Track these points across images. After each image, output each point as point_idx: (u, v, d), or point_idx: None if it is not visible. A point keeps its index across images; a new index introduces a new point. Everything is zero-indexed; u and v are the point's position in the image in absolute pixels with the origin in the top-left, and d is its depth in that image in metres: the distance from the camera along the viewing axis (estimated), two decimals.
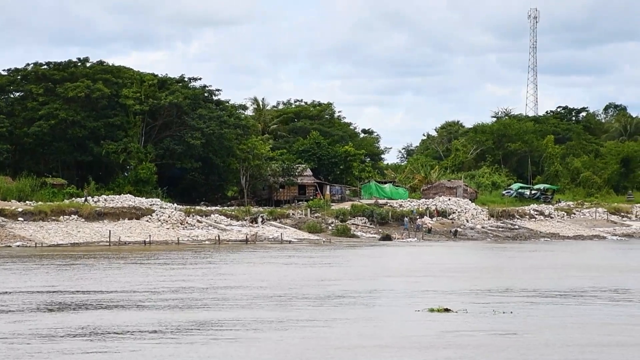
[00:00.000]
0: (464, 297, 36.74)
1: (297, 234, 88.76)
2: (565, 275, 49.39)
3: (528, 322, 29.50)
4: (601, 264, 59.42)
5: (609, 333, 27.61)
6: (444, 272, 50.81)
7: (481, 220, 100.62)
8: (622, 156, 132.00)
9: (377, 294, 38.68)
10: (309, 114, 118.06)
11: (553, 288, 41.40)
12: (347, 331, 27.33)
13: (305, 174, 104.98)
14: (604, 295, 38.63)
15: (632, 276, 48.83)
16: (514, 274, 50.82)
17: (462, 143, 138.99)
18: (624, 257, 68.69)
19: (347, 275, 48.01)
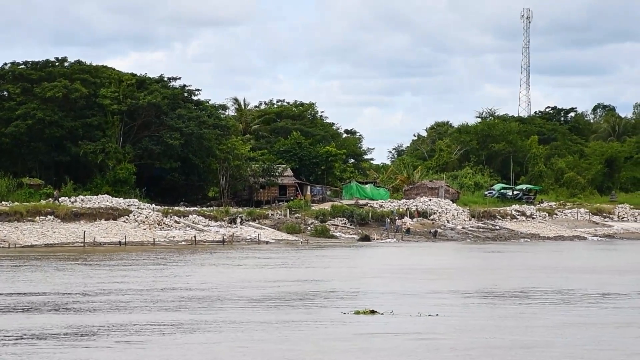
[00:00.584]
0: (407, 299, 36.41)
1: (275, 235, 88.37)
2: (527, 275, 49.07)
3: (449, 324, 29.10)
4: (571, 265, 59.14)
5: (528, 334, 27.31)
6: (405, 273, 50.40)
7: (462, 220, 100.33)
8: (606, 157, 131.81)
9: (316, 295, 38.20)
10: (290, 114, 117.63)
11: (504, 289, 41.14)
12: (250, 335, 26.86)
13: (285, 174, 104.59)
14: (551, 296, 38.21)
15: (594, 277, 48.43)
16: (476, 274, 50.52)
17: (447, 143, 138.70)
18: (597, 258, 68.32)
19: (299, 276, 47.51)
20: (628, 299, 37.72)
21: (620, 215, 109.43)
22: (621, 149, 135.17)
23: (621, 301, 36.78)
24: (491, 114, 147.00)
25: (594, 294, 39.22)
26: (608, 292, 40.10)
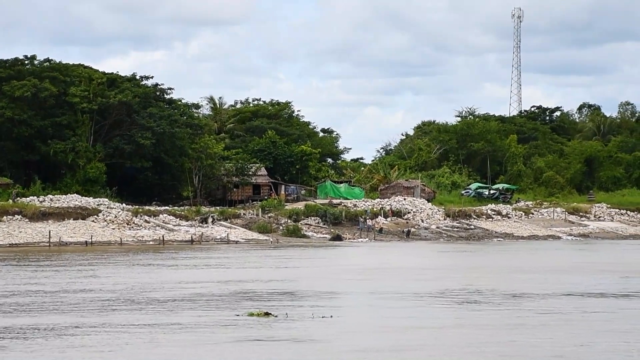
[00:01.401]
0: (327, 301, 35.92)
1: (246, 235, 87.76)
2: (468, 275, 48.97)
3: (336, 327, 28.58)
4: (519, 265, 58.44)
5: (406, 336, 27.03)
6: (355, 273, 49.88)
7: (437, 220, 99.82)
8: (585, 156, 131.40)
9: (230, 296, 37.52)
10: (267, 113, 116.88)
11: (440, 289, 41.01)
12: (116, 338, 26.46)
13: (259, 173, 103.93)
14: (466, 297, 37.90)
15: (527, 277, 48.18)
16: (426, 274, 50.13)
17: (426, 143, 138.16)
18: (553, 257, 67.49)
19: (236, 277, 46.80)
20: (539, 299, 37.29)
21: (597, 214, 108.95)
22: (600, 148, 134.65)
23: (530, 302, 36.33)
24: (471, 113, 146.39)
25: (509, 294, 38.87)
26: (522, 292, 39.69)
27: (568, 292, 39.98)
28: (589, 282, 45.17)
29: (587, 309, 33.99)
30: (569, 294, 39.32)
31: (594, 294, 39.25)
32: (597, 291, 40.52)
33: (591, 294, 39.22)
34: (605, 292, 40.36)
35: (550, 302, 36.36)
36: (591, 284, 43.77)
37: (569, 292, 39.75)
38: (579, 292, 40.13)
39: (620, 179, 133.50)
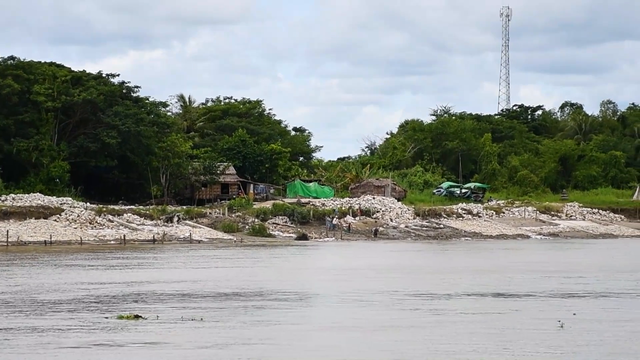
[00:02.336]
0: (217, 303, 35.26)
1: (211, 234, 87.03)
2: (400, 276, 48.69)
3: (198, 330, 27.88)
4: (470, 266, 57.75)
5: (264, 335, 26.66)
6: (292, 274, 49.18)
7: (406, 219, 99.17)
8: (560, 155, 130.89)
9: (122, 297, 36.92)
10: (237, 111, 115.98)
11: (360, 289, 40.75)
12: None
13: (228, 172, 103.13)
14: (382, 298, 37.39)
15: (450, 277, 47.77)
16: (365, 274, 49.75)
17: (401, 141, 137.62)
18: (508, 258, 66.82)
19: (154, 278, 46.05)
20: (438, 300, 37.06)
21: (568, 213, 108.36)
22: (574, 147, 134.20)
23: (426, 302, 36.10)
24: (446, 111, 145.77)
25: (414, 295, 38.66)
26: (431, 293, 39.52)
27: (474, 292, 39.66)
28: (502, 281, 44.79)
29: (471, 309, 33.73)
30: (473, 294, 39.07)
31: (491, 294, 38.96)
32: (501, 291, 40.15)
33: (488, 294, 38.93)
34: (507, 292, 39.88)
35: (444, 302, 36.13)
36: (501, 284, 43.39)
37: (474, 292, 39.45)
38: (483, 292, 39.73)
39: (596, 178, 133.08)
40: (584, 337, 26.96)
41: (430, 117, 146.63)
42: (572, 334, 27.45)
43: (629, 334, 27.71)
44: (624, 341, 26.40)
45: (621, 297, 38.07)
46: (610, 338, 26.92)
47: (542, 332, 27.71)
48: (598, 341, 26.41)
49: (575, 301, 36.49)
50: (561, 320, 29.08)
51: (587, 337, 26.98)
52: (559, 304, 35.20)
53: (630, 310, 33.52)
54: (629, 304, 35.87)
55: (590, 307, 34.41)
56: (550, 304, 35.30)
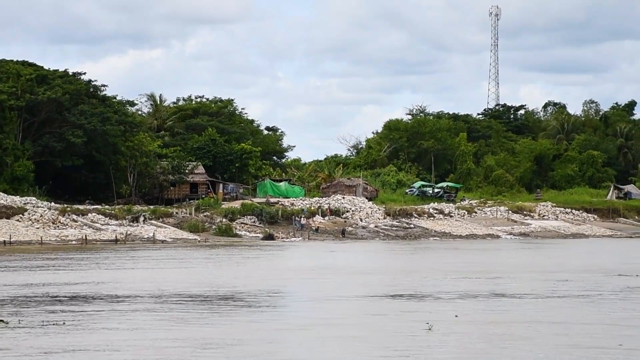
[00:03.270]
0: (104, 305, 34.38)
1: (176, 234, 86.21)
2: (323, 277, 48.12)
3: (48, 336, 26.80)
4: (403, 267, 56.88)
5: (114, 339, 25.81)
6: (232, 276, 48.23)
7: (376, 219, 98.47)
8: (535, 154, 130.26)
9: (4, 301, 35.91)
10: (208, 110, 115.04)
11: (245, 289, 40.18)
12: None
13: (196, 171, 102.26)
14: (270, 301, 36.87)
15: (368, 278, 47.11)
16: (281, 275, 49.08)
17: (377, 140, 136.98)
18: (460, 259, 66.11)
19: (55, 279, 45.03)
20: (330, 301, 36.71)
21: (541, 213, 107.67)
22: (550, 146, 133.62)
23: (315, 304, 35.73)
24: (422, 110, 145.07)
25: (317, 297, 38.34)
26: (338, 295, 39.26)
27: (375, 293, 39.35)
28: (414, 282, 44.39)
29: (357, 312, 33.38)
30: (373, 295, 38.81)
31: (391, 296, 38.54)
32: (404, 292, 39.69)
33: (388, 296, 38.53)
34: (409, 293, 39.46)
35: (332, 304, 35.73)
36: (412, 285, 42.96)
37: (376, 294, 39.15)
38: (385, 293, 39.34)
39: (574, 177, 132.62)
40: (444, 339, 26.32)
41: (406, 116, 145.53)
42: (436, 335, 26.86)
43: (493, 335, 27.19)
44: (483, 343, 25.87)
45: (521, 298, 37.35)
46: (471, 340, 26.34)
47: (405, 335, 27.19)
48: (455, 343, 25.79)
49: (471, 302, 35.90)
50: (429, 322, 28.33)
51: (446, 339, 26.35)
52: (452, 306, 34.54)
53: (516, 312, 32.91)
54: (521, 305, 35.18)
55: (480, 308, 33.86)
56: (442, 306, 34.68)
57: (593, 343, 26.02)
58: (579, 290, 40.68)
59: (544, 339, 26.37)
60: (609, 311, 33.31)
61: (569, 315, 31.89)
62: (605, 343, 25.99)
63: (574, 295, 38.70)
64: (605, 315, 32.11)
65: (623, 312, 32.91)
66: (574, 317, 31.35)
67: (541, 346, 25.23)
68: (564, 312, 32.79)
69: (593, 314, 32.58)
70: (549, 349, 24.77)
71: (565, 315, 32.04)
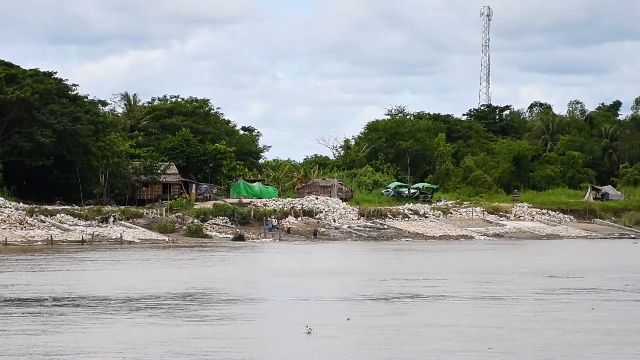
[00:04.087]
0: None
1: (145, 235, 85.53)
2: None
3: None
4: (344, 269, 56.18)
5: None
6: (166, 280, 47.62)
7: (350, 220, 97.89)
8: (514, 155, 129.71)
9: None
10: (183, 110, 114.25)
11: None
12: None
13: (169, 172, 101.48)
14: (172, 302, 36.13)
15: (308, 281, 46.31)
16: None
17: (356, 141, 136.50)
18: (410, 260, 65.61)
19: None
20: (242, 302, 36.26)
21: (517, 214, 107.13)
22: (529, 147, 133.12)
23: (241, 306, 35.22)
24: (400, 110, 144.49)
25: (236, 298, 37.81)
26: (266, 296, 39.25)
27: (295, 296, 39.18)
28: (341, 286, 44.04)
29: (254, 314, 33.00)
30: (292, 298, 38.62)
31: (298, 299, 38.31)
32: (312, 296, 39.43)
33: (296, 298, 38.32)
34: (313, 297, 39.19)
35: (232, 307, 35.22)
36: (335, 289, 42.71)
37: (295, 297, 38.95)
38: (296, 296, 39.19)
39: (554, 178, 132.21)
40: (320, 343, 26.01)
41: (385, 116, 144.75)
42: (313, 339, 26.49)
43: (372, 339, 26.90)
44: (358, 347, 25.61)
45: (431, 301, 37.07)
46: (345, 345, 26.16)
47: (282, 339, 27.00)
48: (328, 348, 25.47)
49: (377, 304, 35.71)
50: (309, 326, 27.75)
51: (322, 343, 26.03)
52: (356, 308, 34.48)
53: (412, 315, 32.51)
54: (424, 307, 34.86)
55: (381, 311, 33.58)
56: (343, 308, 34.63)
57: (463, 347, 25.42)
58: (495, 292, 40.22)
59: (418, 344, 25.94)
60: (507, 313, 32.86)
61: (461, 318, 31.49)
62: (475, 347, 25.40)
63: (486, 297, 38.25)
64: (499, 318, 31.61)
65: (518, 315, 32.45)
66: (466, 320, 30.89)
67: (408, 351, 24.82)
68: (459, 315, 32.38)
69: (487, 316, 32.11)
70: (414, 354, 24.39)
71: (458, 317, 31.64)
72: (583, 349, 25.42)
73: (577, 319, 31.46)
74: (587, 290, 41.49)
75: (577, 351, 25.10)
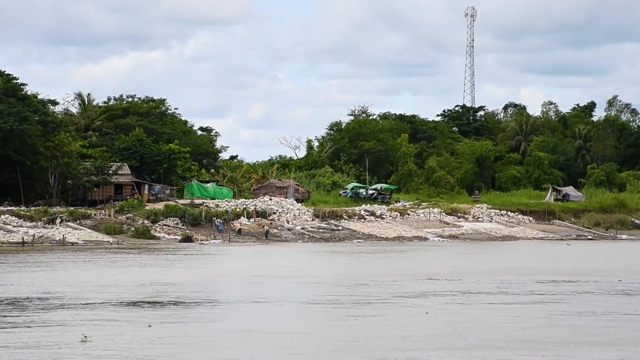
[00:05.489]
0: None
1: (91, 236, 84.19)
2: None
3: None
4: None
5: None
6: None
7: (304, 221, 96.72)
8: (476, 155, 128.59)
9: None
10: (139, 110, 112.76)
11: None
12: None
13: (121, 172, 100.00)
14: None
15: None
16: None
17: (320, 141, 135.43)
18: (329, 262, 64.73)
19: None
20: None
21: (475, 215, 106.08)
22: (491, 147, 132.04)
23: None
24: (364, 111, 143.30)
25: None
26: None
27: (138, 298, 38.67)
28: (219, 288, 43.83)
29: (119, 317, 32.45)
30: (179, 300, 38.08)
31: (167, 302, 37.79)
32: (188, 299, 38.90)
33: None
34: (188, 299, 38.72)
35: None
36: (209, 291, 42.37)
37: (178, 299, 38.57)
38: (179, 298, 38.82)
39: (520, 179, 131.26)
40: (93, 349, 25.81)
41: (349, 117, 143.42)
42: (85, 345, 26.39)
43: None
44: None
45: (280, 305, 36.90)
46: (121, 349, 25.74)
47: (52, 346, 26.47)
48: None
49: (205, 309, 35.62)
50: (85, 334, 27.56)
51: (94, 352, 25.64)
52: (223, 311, 34.44)
53: (226, 320, 32.47)
54: (281, 311, 34.79)
55: (245, 314, 33.66)
56: (211, 311, 34.43)
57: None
58: (360, 296, 40.00)
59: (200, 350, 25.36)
60: (345, 316, 32.73)
61: (284, 323, 31.48)
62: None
63: (342, 301, 37.93)
64: (326, 323, 31.38)
65: (348, 319, 32.22)
66: (290, 326, 30.83)
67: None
68: (291, 320, 32.41)
69: (317, 321, 32.02)
70: None
71: (282, 323, 31.61)
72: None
73: (397, 323, 31.10)
74: (446, 293, 41.27)
75: None
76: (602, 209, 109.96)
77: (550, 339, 27.91)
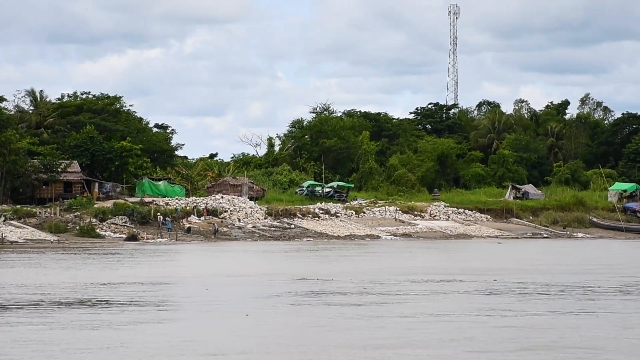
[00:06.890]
0: None
1: (34, 235, 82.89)
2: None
3: None
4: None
5: None
6: None
7: (255, 219, 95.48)
8: (438, 153, 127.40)
9: None
10: (93, 107, 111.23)
11: None
12: None
13: (70, 170, 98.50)
14: None
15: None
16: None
17: (281, 139, 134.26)
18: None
19: None
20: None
21: (432, 213, 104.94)
22: (453, 145, 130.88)
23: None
24: (325, 108, 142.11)
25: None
26: None
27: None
28: None
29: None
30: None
31: None
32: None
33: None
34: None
35: None
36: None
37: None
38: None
39: (484, 177, 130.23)
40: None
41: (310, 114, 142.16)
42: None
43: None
44: None
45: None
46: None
47: None
48: None
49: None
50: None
51: None
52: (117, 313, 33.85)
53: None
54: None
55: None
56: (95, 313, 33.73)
57: None
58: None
59: None
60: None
61: None
62: None
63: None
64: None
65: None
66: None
67: None
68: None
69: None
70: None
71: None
72: None
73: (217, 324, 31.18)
74: (296, 293, 40.76)
75: None
76: (560, 207, 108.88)
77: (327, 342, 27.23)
